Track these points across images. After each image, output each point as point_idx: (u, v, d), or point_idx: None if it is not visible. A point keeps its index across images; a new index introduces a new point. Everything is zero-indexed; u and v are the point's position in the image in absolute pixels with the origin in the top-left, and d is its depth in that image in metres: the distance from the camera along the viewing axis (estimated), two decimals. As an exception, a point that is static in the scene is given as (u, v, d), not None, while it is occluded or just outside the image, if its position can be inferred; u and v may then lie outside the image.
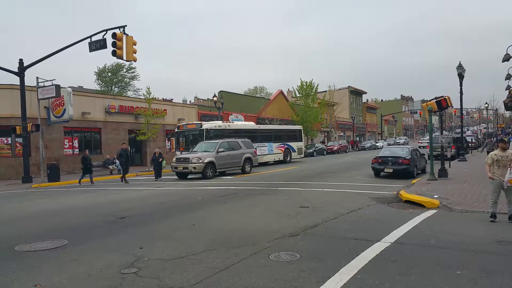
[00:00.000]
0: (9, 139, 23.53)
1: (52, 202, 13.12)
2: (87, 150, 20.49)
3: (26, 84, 21.45)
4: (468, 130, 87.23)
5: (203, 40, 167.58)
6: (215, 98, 32.43)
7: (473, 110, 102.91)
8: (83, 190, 16.81)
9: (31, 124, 20.51)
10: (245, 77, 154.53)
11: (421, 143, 48.00)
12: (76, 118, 25.31)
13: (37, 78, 21.68)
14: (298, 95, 49.92)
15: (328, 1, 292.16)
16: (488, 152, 21.61)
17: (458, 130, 51.38)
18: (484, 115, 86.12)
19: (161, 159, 20.52)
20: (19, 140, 22.29)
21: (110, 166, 24.56)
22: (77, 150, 27.07)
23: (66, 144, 26.38)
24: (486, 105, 58.40)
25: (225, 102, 34.85)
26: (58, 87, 21.04)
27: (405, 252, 5.96)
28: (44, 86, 21.42)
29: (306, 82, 48.10)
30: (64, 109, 23.38)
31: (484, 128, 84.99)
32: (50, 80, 21.46)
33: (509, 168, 7.76)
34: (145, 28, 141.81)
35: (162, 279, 5.06)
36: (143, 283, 4.93)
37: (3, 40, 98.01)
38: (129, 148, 23.50)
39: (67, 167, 25.39)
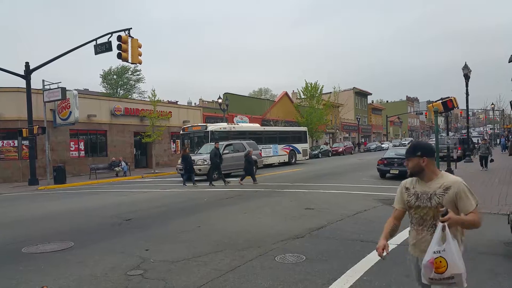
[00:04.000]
0: (16, 141, 23.70)
1: (58, 204, 13.21)
2: (187, 148, 19.08)
3: (32, 87, 21.63)
4: (474, 130, 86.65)
5: (208, 43, 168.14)
6: (220, 100, 32.50)
7: (479, 111, 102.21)
8: (89, 192, 16.90)
9: (37, 126, 20.63)
10: (251, 80, 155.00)
11: None
12: (82, 120, 25.45)
13: (43, 81, 21.82)
14: (303, 96, 49.84)
15: (333, 4, 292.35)
16: (481, 159, 19.28)
17: (464, 131, 51.00)
18: (490, 116, 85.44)
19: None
20: (26, 142, 22.45)
21: (116, 168, 24.66)
22: (83, 152, 27.24)
23: (72, 147, 26.53)
24: (492, 105, 57.96)
25: (230, 104, 34.92)
26: (64, 90, 21.17)
27: (412, 254, 5.91)
28: (50, 89, 21.54)
29: (311, 84, 47.99)
30: (70, 112, 23.53)
31: (490, 129, 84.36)
32: (56, 83, 21.60)
33: (439, 228, 2.72)
34: (150, 31, 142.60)
35: (168, 281, 5.07)
36: (149, 285, 4.94)
37: (10, 43, 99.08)
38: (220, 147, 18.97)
39: (73, 169, 25.55)
